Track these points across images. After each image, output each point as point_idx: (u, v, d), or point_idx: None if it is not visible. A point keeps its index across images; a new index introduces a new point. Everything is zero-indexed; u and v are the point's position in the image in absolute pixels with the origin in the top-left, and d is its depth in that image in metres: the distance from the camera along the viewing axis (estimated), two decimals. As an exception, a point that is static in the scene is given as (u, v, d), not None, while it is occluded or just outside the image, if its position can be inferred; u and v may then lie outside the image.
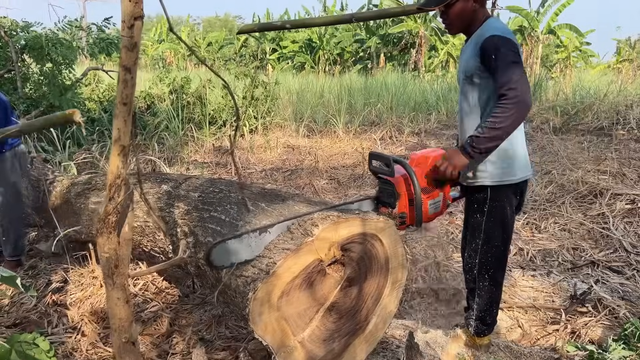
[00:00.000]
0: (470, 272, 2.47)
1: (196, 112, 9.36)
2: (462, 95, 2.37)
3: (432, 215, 2.34)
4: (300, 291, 1.89)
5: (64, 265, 3.63)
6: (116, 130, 1.19)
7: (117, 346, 1.28)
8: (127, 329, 1.29)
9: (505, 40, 2.13)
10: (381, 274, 2.14)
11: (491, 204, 2.33)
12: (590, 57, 26.22)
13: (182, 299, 3.17)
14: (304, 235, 1.87)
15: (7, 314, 3.08)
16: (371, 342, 2.17)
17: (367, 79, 15.48)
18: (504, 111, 2.06)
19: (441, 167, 2.23)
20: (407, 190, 2.26)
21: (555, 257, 3.93)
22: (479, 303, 2.46)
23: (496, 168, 2.29)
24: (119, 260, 1.25)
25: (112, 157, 1.22)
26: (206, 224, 2.33)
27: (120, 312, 1.27)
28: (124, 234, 1.30)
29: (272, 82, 10.42)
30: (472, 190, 2.40)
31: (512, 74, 2.07)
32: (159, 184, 2.87)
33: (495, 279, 2.44)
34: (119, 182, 1.22)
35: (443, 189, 2.36)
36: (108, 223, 1.22)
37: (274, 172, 6.87)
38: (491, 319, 2.51)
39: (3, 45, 6.91)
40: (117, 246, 1.25)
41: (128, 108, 1.15)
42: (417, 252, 3.87)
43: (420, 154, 2.35)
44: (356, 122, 9.80)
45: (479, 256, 2.40)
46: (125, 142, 1.20)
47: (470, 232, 2.44)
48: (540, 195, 5.25)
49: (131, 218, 1.34)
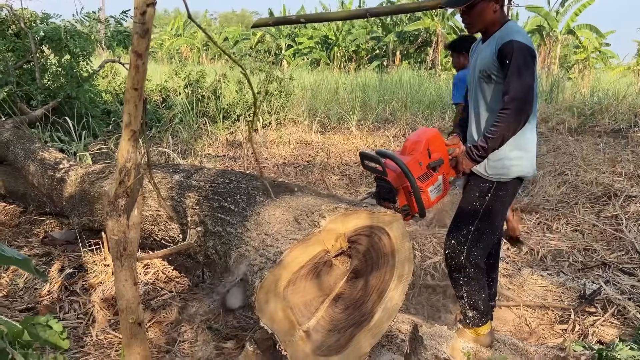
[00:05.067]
0: (456, 259, 2.46)
1: (210, 106, 9.43)
2: (478, 93, 2.41)
3: (435, 199, 2.35)
4: (307, 281, 1.91)
5: (77, 253, 3.69)
6: (127, 115, 1.21)
7: (124, 327, 1.31)
8: (134, 310, 1.32)
9: (523, 47, 2.22)
10: (387, 267, 2.15)
11: (494, 194, 2.36)
12: (610, 58, 25.88)
13: (191, 289, 3.21)
14: (311, 226, 1.88)
15: (20, 299, 3.14)
16: (376, 335, 2.18)
17: (382, 77, 15.46)
18: (503, 122, 2.21)
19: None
20: (403, 184, 2.26)
21: (566, 257, 3.90)
22: (469, 291, 2.47)
23: (507, 163, 2.33)
24: (128, 242, 1.28)
25: (122, 142, 1.25)
26: (216, 213, 2.36)
27: (128, 293, 1.30)
28: (133, 217, 1.33)
29: (286, 77, 10.45)
30: (477, 178, 2.42)
31: (519, 84, 2.18)
32: (171, 174, 2.90)
33: (480, 265, 2.47)
34: (129, 166, 1.24)
35: (442, 171, 2.35)
36: (117, 206, 1.25)
37: (286, 167, 6.90)
38: (484, 305, 2.51)
39: (22, 37, 7.01)
40: (126, 229, 1.28)
41: (139, 93, 1.17)
42: (426, 248, 3.87)
43: (413, 140, 2.34)
44: (370, 119, 9.79)
45: (469, 243, 2.41)
46: (135, 127, 1.23)
47: (462, 218, 2.45)
48: (553, 195, 5.21)
49: (140, 202, 1.37)
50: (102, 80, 9.74)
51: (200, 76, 10.19)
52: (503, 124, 2.21)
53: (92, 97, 7.65)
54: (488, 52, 2.32)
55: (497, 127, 2.22)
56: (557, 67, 21.67)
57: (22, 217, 4.63)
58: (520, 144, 2.34)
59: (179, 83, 10.31)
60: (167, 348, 2.56)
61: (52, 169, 4.08)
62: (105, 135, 7.39)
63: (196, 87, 9.86)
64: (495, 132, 2.23)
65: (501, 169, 2.36)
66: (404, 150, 2.33)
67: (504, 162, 2.35)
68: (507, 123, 2.20)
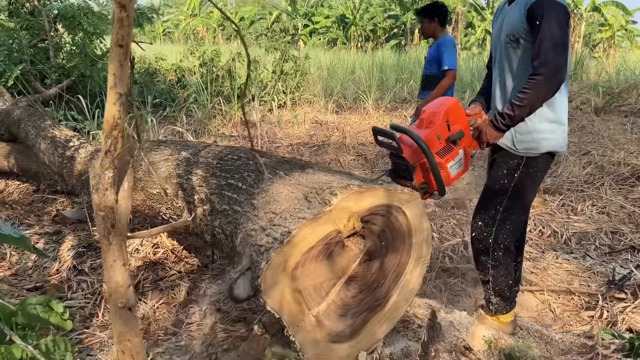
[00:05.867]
0: (484, 241, 2.30)
1: (225, 85, 9.30)
2: (504, 60, 2.21)
3: (456, 175, 2.16)
4: (317, 263, 1.78)
5: (87, 232, 3.63)
6: (111, 76, 1.09)
7: (114, 312, 1.20)
8: (123, 294, 1.20)
9: (555, 5, 2.01)
10: (404, 249, 2.02)
11: (524, 170, 2.18)
12: (637, 36, 25.04)
13: (201, 269, 3.13)
14: (321, 204, 1.75)
15: (29, 277, 3.09)
16: (391, 320, 2.06)
17: (400, 56, 15.13)
18: (533, 88, 2.01)
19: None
20: (420, 160, 2.06)
21: (592, 240, 3.72)
22: (496, 276, 2.31)
23: (537, 137, 2.16)
24: (116, 219, 1.16)
25: (107, 106, 1.12)
26: (223, 191, 2.24)
27: (116, 275, 1.19)
28: (123, 191, 1.21)
29: (302, 56, 10.25)
30: (505, 155, 2.24)
31: (551, 47, 1.97)
32: (179, 150, 2.79)
33: (509, 248, 2.30)
34: (116, 134, 1.12)
35: (463, 144, 2.18)
36: (104, 179, 1.13)
37: (300, 147, 6.77)
38: (511, 292, 2.36)
39: (36, 15, 6.94)
40: (114, 204, 1.16)
41: (124, 51, 1.04)
42: (445, 230, 3.72)
43: (430, 111, 2.14)
44: (387, 98, 9.57)
45: (497, 224, 2.25)
46: (121, 90, 1.10)
47: (490, 198, 2.28)
48: (578, 176, 4.99)
49: (130, 175, 1.25)
50: (117, 60, 9.66)
51: (214, 55, 10.05)
52: (532, 90, 2.00)
53: (106, 76, 7.58)
54: (516, 13, 2.11)
55: (526, 94, 2.01)
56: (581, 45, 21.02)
57: (35, 196, 4.60)
58: (551, 115, 2.15)
59: (194, 62, 10.18)
60: (173, 330, 2.48)
61: (62, 147, 4.01)
62: (120, 114, 7.33)
63: (211, 66, 9.73)
64: (524, 100, 2.02)
65: (530, 143, 2.16)
66: (420, 124, 2.14)
67: (534, 135, 2.15)
68: (537, 90, 1.99)
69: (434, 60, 4.41)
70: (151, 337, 2.42)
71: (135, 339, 1.22)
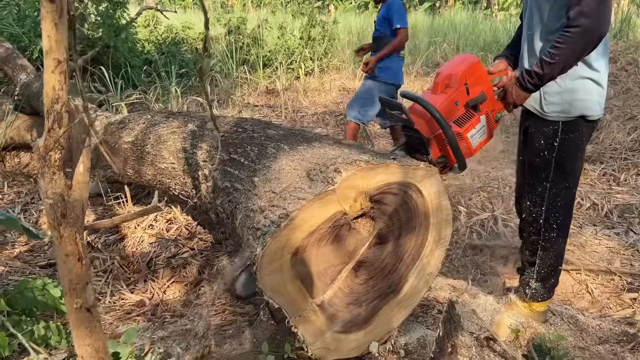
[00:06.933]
0: (534, 223, 2.07)
1: (251, 53, 9.08)
2: (534, 12, 1.91)
3: (479, 145, 1.90)
4: (320, 248, 1.62)
5: (103, 206, 3.57)
6: (46, 39, 0.92)
7: (70, 312, 1.07)
8: (79, 293, 1.06)
9: None
10: (420, 230, 1.82)
11: (564, 137, 1.91)
12: (693, -10, 23.32)
13: (214, 246, 3.01)
14: (324, 182, 1.57)
15: (43, 254, 3.05)
16: (407, 307, 1.88)
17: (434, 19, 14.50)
18: (567, 43, 1.71)
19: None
20: (436, 132, 1.81)
21: (637, 214, 3.42)
22: (544, 258, 2.08)
23: (567, 97, 1.88)
24: (68, 207, 1.02)
25: (45, 76, 0.95)
26: (225, 167, 2.09)
27: (71, 271, 1.04)
28: (77, 175, 1.06)
29: (330, 21, 9.90)
30: (537, 122, 1.98)
31: None
32: (185, 123, 2.65)
33: (564, 227, 2.06)
34: (59, 109, 0.96)
35: (485, 109, 1.91)
36: (50, 161, 0.98)
37: (326, 115, 6.55)
38: (555, 278, 2.14)
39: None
40: (64, 190, 1.01)
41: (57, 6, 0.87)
42: (473, 203, 3.49)
43: (446, 73, 1.86)
44: (419, 63, 9.17)
45: (547, 202, 2.01)
46: (59, 55, 0.93)
47: (535, 175, 2.02)
48: (622, 142, 4.62)
49: (86, 156, 1.10)
50: (145, 30, 9.55)
51: (240, 22, 9.81)
52: (566, 45, 1.71)
53: (131, 47, 7.48)
54: None
55: (559, 48, 1.72)
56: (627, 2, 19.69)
57: (57, 170, 4.57)
58: (586, 72, 1.85)
59: (220, 31, 9.98)
60: (181, 312, 2.38)
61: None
62: (146, 85, 7.24)
63: (237, 34, 9.51)
64: (556, 56, 1.73)
65: (561, 105, 1.89)
66: (435, 88, 1.87)
67: (564, 96, 1.87)
68: (572, 45, 1.70)
69: (385, 21, 4.21)
70: (158, 319, 2.33)
71: (95, 343, 1.09)
